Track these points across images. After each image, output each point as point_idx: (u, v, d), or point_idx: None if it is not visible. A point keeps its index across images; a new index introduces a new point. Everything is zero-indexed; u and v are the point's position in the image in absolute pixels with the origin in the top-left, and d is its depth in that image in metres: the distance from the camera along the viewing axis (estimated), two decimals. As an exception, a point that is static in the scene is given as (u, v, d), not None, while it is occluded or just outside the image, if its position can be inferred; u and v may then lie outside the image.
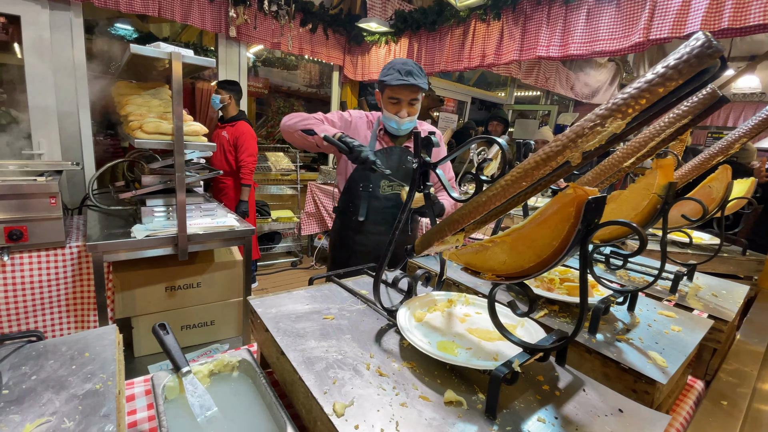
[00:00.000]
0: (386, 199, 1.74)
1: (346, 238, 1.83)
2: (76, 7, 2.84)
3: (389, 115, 1.62)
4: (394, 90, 1.57)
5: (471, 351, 0.69)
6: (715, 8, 1.92)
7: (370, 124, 1.74)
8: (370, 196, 1.73)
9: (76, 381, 0.54)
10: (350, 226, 1.79)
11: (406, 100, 1.59)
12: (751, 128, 1.11)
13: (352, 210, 1.77)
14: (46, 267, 1.84)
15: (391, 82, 1.54)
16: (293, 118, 1.63)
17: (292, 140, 1.66)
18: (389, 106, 1.61)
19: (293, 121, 1.62)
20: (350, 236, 1.81)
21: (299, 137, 1.61)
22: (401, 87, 1.55)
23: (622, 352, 0.77)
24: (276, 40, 3.73)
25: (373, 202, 1.73)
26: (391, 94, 1.58)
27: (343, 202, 1.83)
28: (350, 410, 0.55)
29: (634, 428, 0.56)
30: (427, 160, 0.76)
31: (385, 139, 1.72)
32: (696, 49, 0.40)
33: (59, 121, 2.90)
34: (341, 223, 1.86)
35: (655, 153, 0.85)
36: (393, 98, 1.59)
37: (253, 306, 0.83)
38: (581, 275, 0.57)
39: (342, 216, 1.85)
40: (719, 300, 1.14)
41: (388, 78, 1.56)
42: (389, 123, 1.65)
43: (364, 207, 1.73)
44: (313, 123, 1.59)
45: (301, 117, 1.63)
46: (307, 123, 1.59)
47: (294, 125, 1.61)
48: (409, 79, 1.53)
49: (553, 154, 0.51)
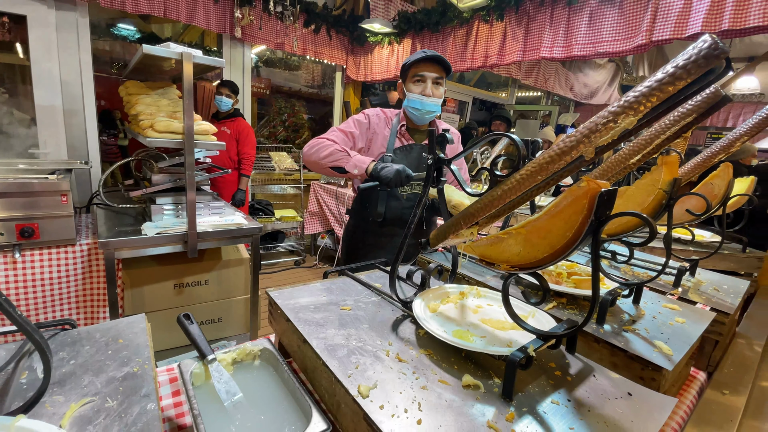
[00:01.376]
0: (406, 199, 1.70)
1: (362, 238, 1.78)
2: (82, 7, 2.87)
3: (413, 96, 1.55)
4: (418, 66, 1.53)
5: (486, 339, 0.72)
6: (715, 10, 1.96)
7: (388, 121, 1.69)
8: (390, 196, 1.68)
9: (113, 365, 0.57)
10: (366, 228, 1.75)
11: (431, 78, 1.54)
12: (750, 127, 1.14)
13: (369, 210, 1.71)
14: (56, 264, 1.87)
15: (416, 57, 1.52)
16: (318, 151, 1.52)
17: (320, 172, 1.60)
18: (413, 86, 1.55)
19: (318, 156, 1.52)
20: (366, 237, 1.76)
21: (329, 172, 1.54)
22: (426, 62, 1.52)
23: (629, 341, 0.80)
24: (280, 41, 3.76)
25: (392, 203, 1.68)
26: (415, 71, 1.54)
27: (358, 202, 1.78)
28: (374, 392, 0.58)
29: (644, 410, 0.59)
30: (441, 157, 0.79)
31: (406, 136, 1.68)
32: (704, 50, 0.43)
33: (65, 120, 2.93)
34: (356, 224, 1.82)
35: (660, 150, 0.88)
36: (417, 76, 1.54)
37: (273, 297, 0.85)
38: (594, 262, 0.60)
39: (357, 217, 1.80)
40: (721, 294, 1.17)
41: (412, 59, 1.53)
42: (413, 104, 1.57)
43: (382, 207, 1.67)
44: (340, 157, 1.49)
45: (322, 147, 1.52)
46: (333, 158, 1.49)
47: (320, 161, 1.52)
48: (431, 52, 1.52)
49: (568, 149, 0.54)
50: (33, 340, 0.44)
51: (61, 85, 2.88)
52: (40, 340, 0.44)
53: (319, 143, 1.53)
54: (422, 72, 1.53)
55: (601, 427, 0.55)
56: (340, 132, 1.61)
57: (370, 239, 1.76)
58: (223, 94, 3.31)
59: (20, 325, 0.42)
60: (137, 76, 2.49)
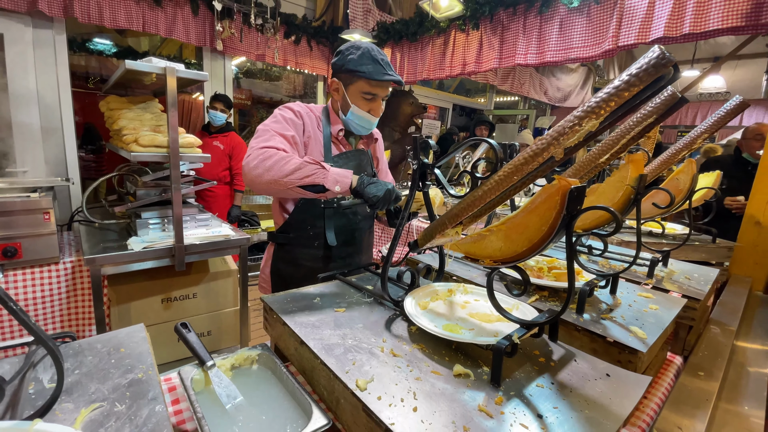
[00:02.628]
0: (351, 213, 1.45)
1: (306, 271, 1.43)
2: (59, 24, 2.84)
3: (360, 112, 1.33)
4: (373, 85, 1.29)
5: (474, 331, 0.76)
6: (676, 15, 2.08)
7: (317, 121, 1.40)
8: (335, 213, 1.41)
9: (118, 373, 0.59)
10: (309, 256, 1.43)
11: (381, 96, 1.33)
12: (710, 125, 1.24)
13: (312, 234, 1.41)
14: (40, 283, 1.84)
15: (374, 76, 1.26)
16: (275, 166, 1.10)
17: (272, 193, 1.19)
18: (361, 101, 1.32)
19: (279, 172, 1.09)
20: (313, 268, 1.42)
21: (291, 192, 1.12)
22: (383, 82, 1.29)
23: (607, 328, 0.85)
24: (261, 52, 3.79)
25: (338, 221, 1.42)
26: (368, 88, 1.29)
27: (294, 226, 1.41)
28: (371, 385, 0.61)
29: (621, 388, 0.64)
30: (425, 162, 0.84)
31: (343, 141, 1.43)
32: (653, 60, 0.49)
33: (43, 137, 2.88)
34: (291, 255, 1.45)
35: (627, 149, 0.95)
36: (369, 94, 1.30)
37: (268, 303, 0.88)
38: (568, 255, 0.65)
39: (293, 245, 1.44)
40: (692, 282, 1.24)
41: (367, 69, 1.26)
42: (357, 121, 1.36)
43: (331, 228, 1.39)
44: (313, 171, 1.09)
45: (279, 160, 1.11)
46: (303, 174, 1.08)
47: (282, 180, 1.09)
48: (393, 75, 1.30)
49: (540, 150, 0.59)
50: (47, 347, 0.46)
51: (39, 102, 2.83)
52: (53, 347, 0.46)
53: (271, 155, 1.11)
54: (375, 92, 1.31)
55: (583, 404, 0.59)
56: (281, 138, 1.23)
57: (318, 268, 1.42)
58: (218, 108, 3.31)
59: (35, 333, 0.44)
60: (117, 90, 2.48)
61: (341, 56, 1.32)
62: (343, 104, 1.37)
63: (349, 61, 1.29)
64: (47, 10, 2.67)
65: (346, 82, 1.33)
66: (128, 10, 2.98)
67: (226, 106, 3.35)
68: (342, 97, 1.35)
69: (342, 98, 1.35)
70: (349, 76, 1.31)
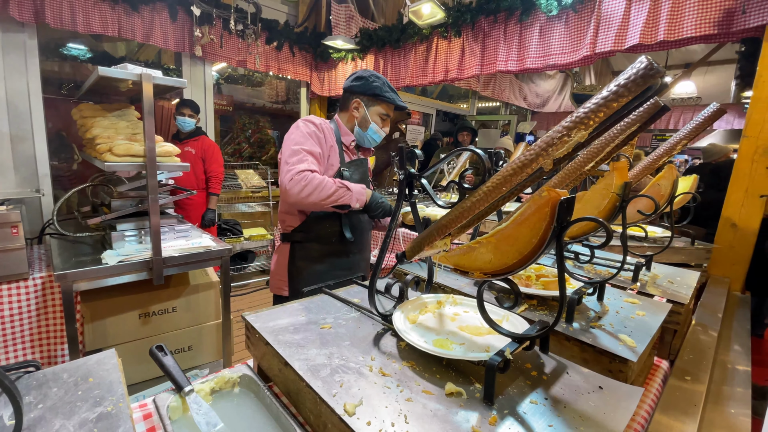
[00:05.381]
0: (362, 214, 1.65)
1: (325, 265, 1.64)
2: (30, 29, 2.73)
3: (376, 128, 1.61)
4: (389, 108, 1.60)
5: (464, 346, 0.74)
6: (651, 23, 2.14)
7: (332, 132, 1.61)
8: (350, 213, 1.60)
9: (85, 406, 0.54)
10: (329, 252, 1.63)
11: (391, 118, 1.64)
12: (689, 132, 1.26)
13: (330, 232, 1.61)
14: (8, 301, 1.74)
15: (396, 102, 1.58)
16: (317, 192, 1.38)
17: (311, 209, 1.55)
18: (379, 120, 1.61)
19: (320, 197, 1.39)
20: (331, 261, 1.64)
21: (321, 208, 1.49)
22: (399, 108, 1.60)
23: (597, 337, 0.84)
24: (242, 58, 3.73)
25: (353, 220, 1.63)
26: (386, 111, 1.60)
27: (314, 225, 1.60)
28: (360, 409, 0.58)
29: (614, 401, 0.63)
30: (412, 172, 0.82)
31: (353, 150, 1.67)
32: (641, 70, 0.49)
33: (12, 146, 2.75)
34: (310, 251, 1.63)
35: (611, 157, 0.95)
36: (387, 115, 1.61)
37: (250, 321, 0.84)
38: (559, 266, 0.64)
39: (312, 242, 1.62)
40: (675, 286, 1.26)
41: (389, 96, 1.57)
42: (373, 137, 1.63)
43: (347, 225, 1.61)
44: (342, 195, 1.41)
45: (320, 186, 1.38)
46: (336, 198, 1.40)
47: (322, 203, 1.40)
48: (405, 104, 1.62)
49: (528, 161, 0.58)
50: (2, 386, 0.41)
51: (8, 110, 2.71)
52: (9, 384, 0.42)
53: (312, 179, 1.38)
54: (389, 113, 1.61)
55: (578, 421, 0.58)
56: (312, 157, 1.47)
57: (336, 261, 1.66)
58: (185, 114, 3.23)
59: (-16, 372, 0.39)
60: (91, 97, 2.39)
61: (365, 82, 1.56)
62: (362, 121, 1.61)
63: (374, 87, 1.56)
64: (18, 15, 2.56)
65: (368, 104, 1.59)
66: (103, 15, 2.89)
67: (194, 111, 3.30)
68: (362, 116, 1.60)
69: (362, 116, 1.60)
70: (372, 99, 1.58)
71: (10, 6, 2.50)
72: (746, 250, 1.85)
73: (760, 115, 1.77)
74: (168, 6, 3.18)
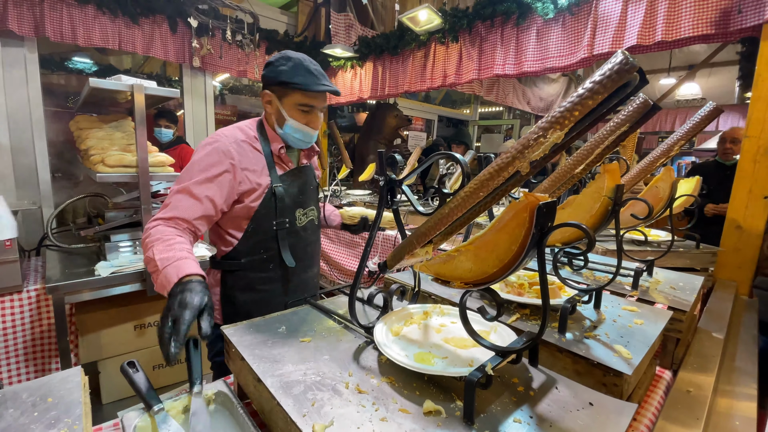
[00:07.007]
0: (304, 230, 1.42)
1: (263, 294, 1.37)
2: (30, 43, 2.77)
3: (297, 125, 1.29)
4: (308, 96, 1.25)
5: (447, 360, 0.70)
6: (648, 23, 2.11)
7: (252, 143, 1.30)
8: (289, 233, 1.36)
9: (38, 428, 0.52)
10: (266, 280, 1.37)
11: (318, 108, 1.29)
12: (686, 132, 1.22)
13: (266, 258, 1.34)
14: (1, 314, 1.73)
15: (310, 87, 1.22)
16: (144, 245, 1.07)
17: None
18: (298, 114, 1.27)
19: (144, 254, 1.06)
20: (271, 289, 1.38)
21: None
22: (321, 93, 1.27)
23: (590, 348, 0.80)
24: (242, 69, 3.75)
25: (292, 240, 1.37)
26: (304, 100, 1.25)
27: (245, 252, 1.32)
28: (330, 430, 0.55)
29: (604, 418, 0.59)
30: (393, 178, 0.79)
31: (285, 158, 1.36)
32: (616, 65, 0.45)
33: (13, 159, 2.78)
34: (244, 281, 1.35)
35: (603, 159, 0.92)
36: (306, 106, 1.26)
37: (227, 335, 0.81)
38: (540, 275, 0.60)
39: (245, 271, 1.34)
40: (677, 292, 1.21)
41: (300, 80, 1.22)
42: (295, 135, 1.31)
43: (286, 248, 1.34)
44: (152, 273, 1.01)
45: (146, 242, 1.06)
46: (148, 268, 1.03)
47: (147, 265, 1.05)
48: (329, 85, 1.26)
49: (504, 165, 0.55)
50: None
51: (8, 123, 2.74)
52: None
53: (150, 234, 1.07)
54: (312, 103, 1.27)
55: (563, 442, 0.54)
56: (191, 199, 1.15)
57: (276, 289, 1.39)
58: (162, 125, 3.28)
59: None
60: (91, 109, 2.41)
61: (272, 68, 1.26)
62: (278, 118, 1.31)
63: (281, 72, 1.23)
64: (17, 29, 2.60)
65: (280, 95, 1.27)
66: (103, 28, 2.93)
67: (170, 122, 3.34)
68: (276, 111, 1.30)
69: (276, 112, 1.30)
70: (282, 88, 1.26)
71: (9, 20, 2.54)
72: (752, 253, 1.79)
73: (761, 114, 1.72)
74: (168, 18, 3.22)
